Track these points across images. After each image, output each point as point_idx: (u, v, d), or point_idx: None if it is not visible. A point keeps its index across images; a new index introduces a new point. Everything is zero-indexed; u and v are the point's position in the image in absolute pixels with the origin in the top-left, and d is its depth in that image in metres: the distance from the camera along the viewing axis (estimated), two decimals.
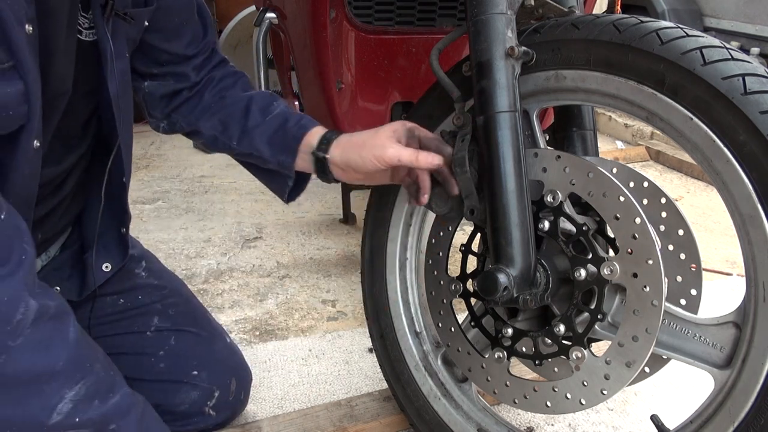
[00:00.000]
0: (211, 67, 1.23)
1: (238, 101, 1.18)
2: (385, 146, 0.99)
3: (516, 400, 1.04)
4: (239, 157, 1.21)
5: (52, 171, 1.01)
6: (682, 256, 1.00)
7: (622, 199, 0.89)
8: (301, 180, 1.17)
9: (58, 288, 1.12)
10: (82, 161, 1.13)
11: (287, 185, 1.16)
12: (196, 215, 2.67)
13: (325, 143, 1.08)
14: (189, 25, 1.18)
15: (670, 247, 1.00)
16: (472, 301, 1.11)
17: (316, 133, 1.10)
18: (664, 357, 0.97)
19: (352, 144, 1.04)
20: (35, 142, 0.88)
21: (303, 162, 1.11)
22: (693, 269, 1.00)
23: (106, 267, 1.18)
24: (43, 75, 0.87)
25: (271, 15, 1.73)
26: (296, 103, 1.87)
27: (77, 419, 0.78)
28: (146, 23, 1.11)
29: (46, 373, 0.77)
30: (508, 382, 1.05)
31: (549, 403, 1.00)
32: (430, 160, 0.97)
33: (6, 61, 0.79)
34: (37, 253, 1.07)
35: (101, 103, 1.05)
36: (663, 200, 0.99)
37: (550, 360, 1.01)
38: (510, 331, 1.03)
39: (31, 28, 0.82)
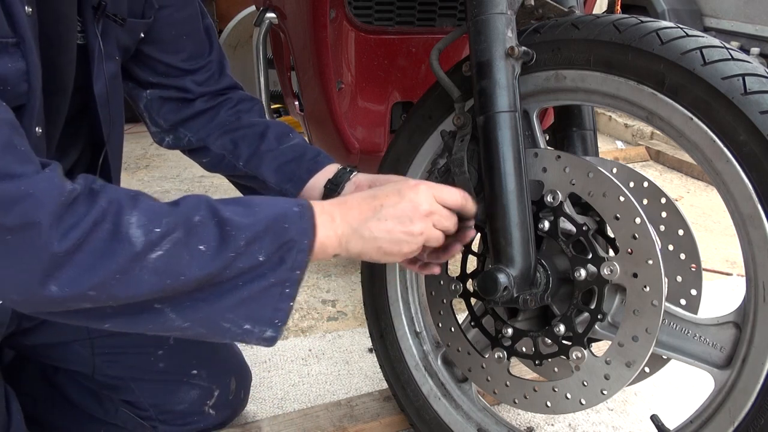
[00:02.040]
0: (220, 87, 1.22)
1: (255, 125, 1.18)
2: (410, 179, 1.02)
3: (516, 400, 1.04)
4: (241, 179, 1.21)
5: None
6: (682, 256, 1.00)
7: (622, 199, 0.89)
8: None
9: None
10: (80, 164, 1.12)
11: None
12: None
13: (350, 169, 1.12)
14: (189, 39, 1.18)
15: (670, 247, 1.00)
16: (472, 301, 1.11)
17: (334, 167, 1.12)
18: (664, 357, 0.97)
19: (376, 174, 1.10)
20: (37, 128, 0.89)
21: (312, 193, 1.12)
22: (693, 269, 1.00)
23: None
24: (47, 68, 0.87)
25: (271, 15, 1.73)
26: (296, 103, 1.86)
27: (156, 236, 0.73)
28: (142, 35, 1.11)
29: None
30: (508, 382, 1.05)
31: (549, 403, 1.00)
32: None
33: (11, 37, 0.80)
34: None
35: (88, 104, 1.06)
36: (663, 200, 0.99)
37: (550, 360, 1.01)
38: (510, 331, 1.04)
39: (30, 10, 0.82)
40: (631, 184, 0.99)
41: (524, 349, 1.04)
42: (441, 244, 0.92)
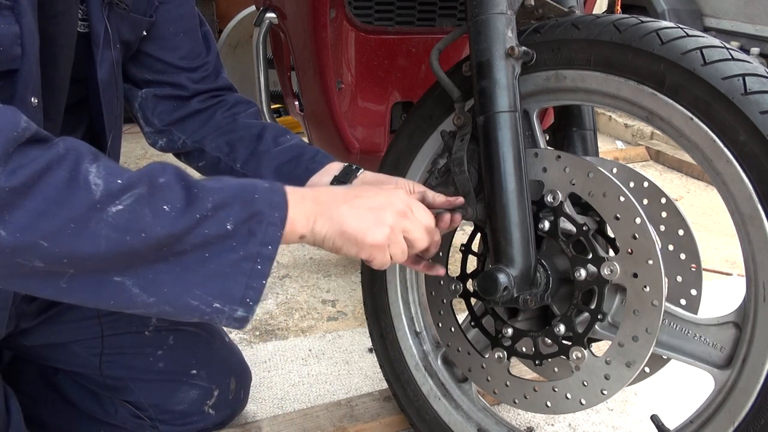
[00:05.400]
0: (216, 87, 1.22)
1: (251, 126, 1.18)
2: (415, 182, 1.02)
3: (516, 400, 1.04)
4: None
5: None
6: (682, 256, 1.00)
7: (622, 199, 0.89)
8: None
9: None
10: None
11: None
12: None
13: (356, 167, 1.10)
14: (187, 37, 1.18)
15: (670, 247, 1.00)
16: (472, 301, 1.11)
17: (337, 165, 1.11)
18: (664, 357, 0.97)
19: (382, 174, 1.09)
20: (33, 98, 0.88)
21: None
22: (693, 269, 1.00)
23: None
24: (40, 38, 0.88)
25: (271, 15, 1.73)
26: (296, 103, 1.86)
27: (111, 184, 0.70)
28: (144, 32, 1.12)
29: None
30: (508, 382, 1.05)
31: (549, 403, 1.00)
32: (451, 201, 0.98)
33: None
34: None
35: (90, 94, 1.06)
36: (663, 200, 0.99)
37: (550, 360, 1.01)
38: (510, 331, 1.03)
39: None
40: (631, 184, 0.99)
41: (524, 349, 1.04)
42: (404, 258, 0.89)
